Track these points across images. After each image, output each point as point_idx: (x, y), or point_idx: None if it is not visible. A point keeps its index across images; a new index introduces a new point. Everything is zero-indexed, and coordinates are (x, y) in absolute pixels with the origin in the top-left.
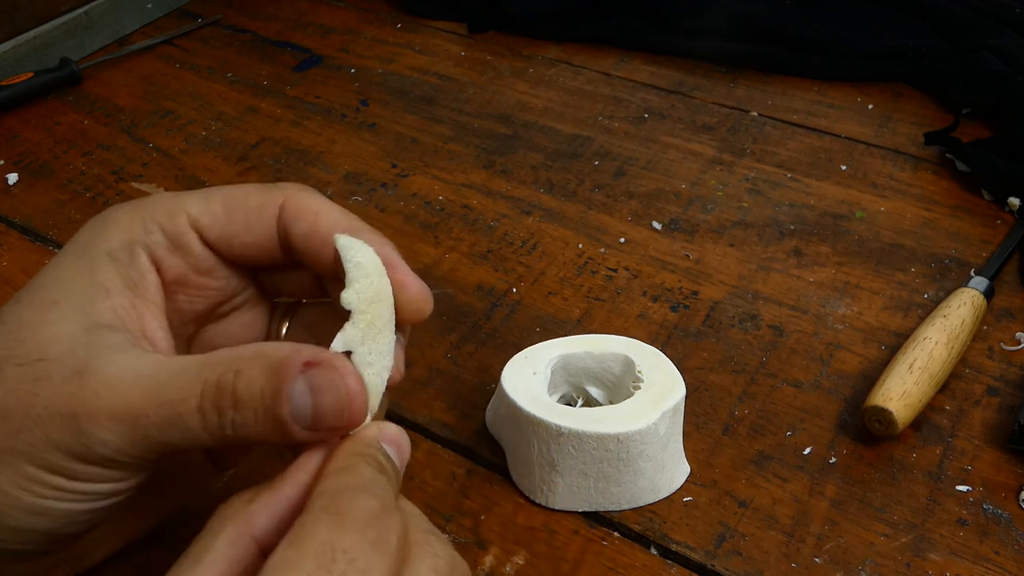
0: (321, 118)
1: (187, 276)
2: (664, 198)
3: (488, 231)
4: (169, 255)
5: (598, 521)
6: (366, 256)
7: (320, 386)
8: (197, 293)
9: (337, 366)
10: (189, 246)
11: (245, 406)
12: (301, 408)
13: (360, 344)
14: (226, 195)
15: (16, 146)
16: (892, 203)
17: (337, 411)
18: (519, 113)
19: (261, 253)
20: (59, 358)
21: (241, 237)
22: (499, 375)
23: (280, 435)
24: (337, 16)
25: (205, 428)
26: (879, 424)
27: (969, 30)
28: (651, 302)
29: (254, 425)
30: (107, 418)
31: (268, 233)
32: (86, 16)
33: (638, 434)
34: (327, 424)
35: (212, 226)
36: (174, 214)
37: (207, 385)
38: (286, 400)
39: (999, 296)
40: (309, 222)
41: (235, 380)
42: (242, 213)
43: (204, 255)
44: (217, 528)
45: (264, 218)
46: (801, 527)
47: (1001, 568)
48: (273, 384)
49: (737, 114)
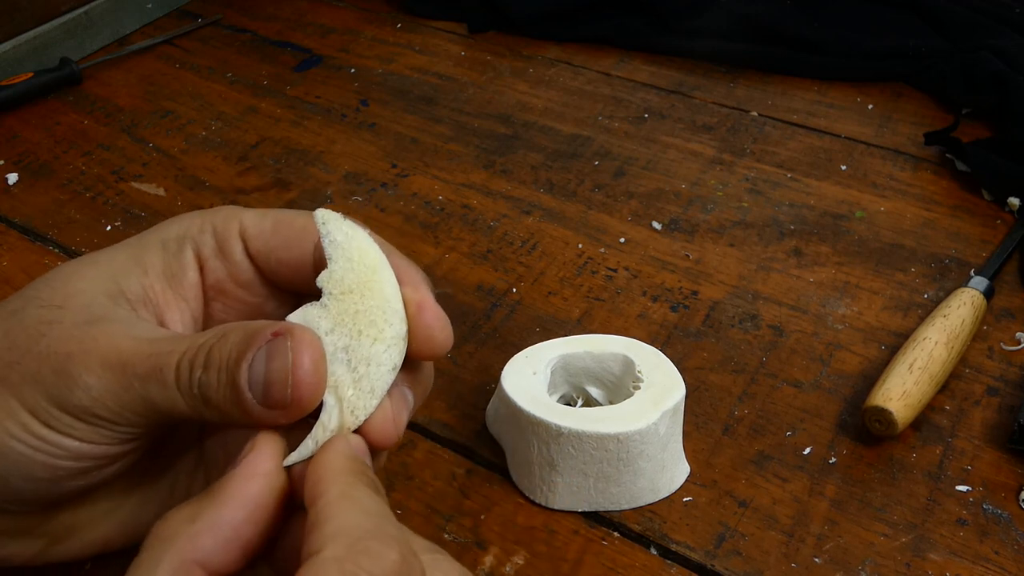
0: (321, 118)
1: (225, 284)
2: (664, 198)
3: (488, 231)
4: (213, 257)
5: (598, 521)
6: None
7: (272, 352)
8: (233, 305)
9: (296, 335)
10: (232, 252)
11: (212, 366)
12: (257, 375)
13: (327, 332)
14: (279, 215)
15: (16, 146)
16: (892, 203)
17: (281, 379)
18: (519, 113)
19: (296, 274)
20: (76, 309)
21: (279, 253)
22: (499, 375)
23: (237, 405)
24: (337, 16)
25: (178, 385)
26: (879, 424)
27: (969, 30)
28: (651, 302)
29: (215, 388)
30: (97, 363)
31: (304, 254)
32: (86, 16)
33: (638, 434)
34: (275, 395)
35: (257, 237)
36: (229, 220)
37: (192, 344)
38: (245, 365)
39: (999, 296)
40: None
41: (215, 342)
42: (286, 231)
43: (244, 265)
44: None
45: (304, 239)
46: (801, 527)
47: (1001, 568)
48: (239, 348)
49: (737, 114)
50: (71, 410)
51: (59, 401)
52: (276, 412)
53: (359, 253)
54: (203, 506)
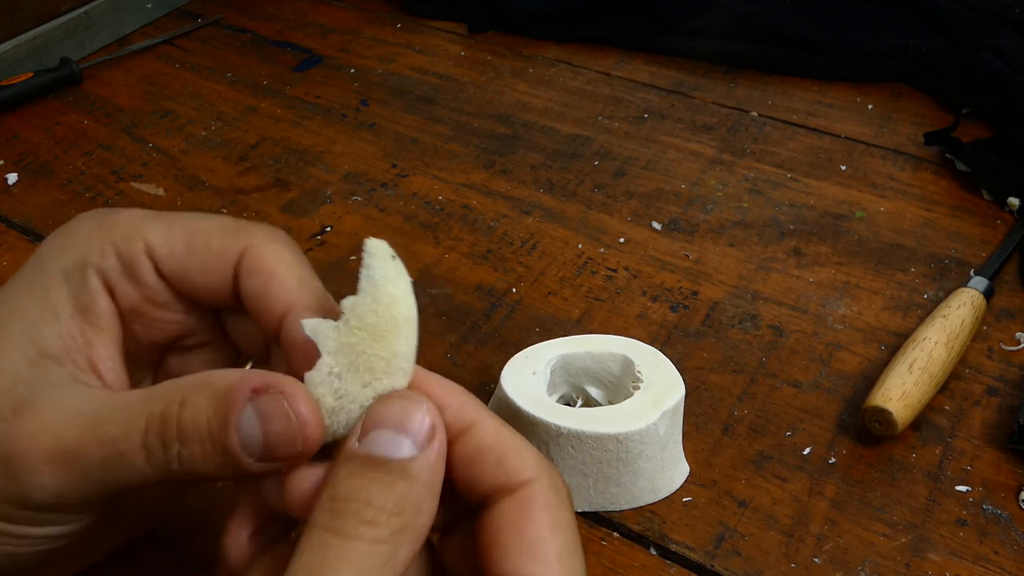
0: (321, 118)
1: (141, 307)
2: (664, 198)
3: (488, 231)
4: (122, 281)
5: (598, 521)
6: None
7: (269, 413)
8: (153, 325)
9: (287, 391)
10: (142, 276)
11: (191, 438)
12: (251, 438)
13: (329, 352)
14: (191, 229)
15: (16, 146)
16: (892, 203)
17: (289, 439)
18: (519, 113)
19: (215, 298)
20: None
21: (197, 279)
22: (499, 375)
23: (231, 468)
24: (337, 16)
25: (150, 464)
26: (879, 424)
27: (969, 30)
28: (651, 302)
29: (202, 458)
30: (44, 460)
31: (224, 279)
32: (86, 16)
33: (638, 434)
34: (280, 454)
35: (168, 259)
36: (131, 238)
37: (151, 418)
38: (234, 430)
39: (999, 296)
40: (261, 283)
41: (180, 411)
42: (201, 253)
43: (159, 288)
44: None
45: (222, 263)
46: (801, 527)
47: (1001, 568)
48: (220, 414)
49: (737, 114)
50: (32, 507)
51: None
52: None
53: (388, 300)
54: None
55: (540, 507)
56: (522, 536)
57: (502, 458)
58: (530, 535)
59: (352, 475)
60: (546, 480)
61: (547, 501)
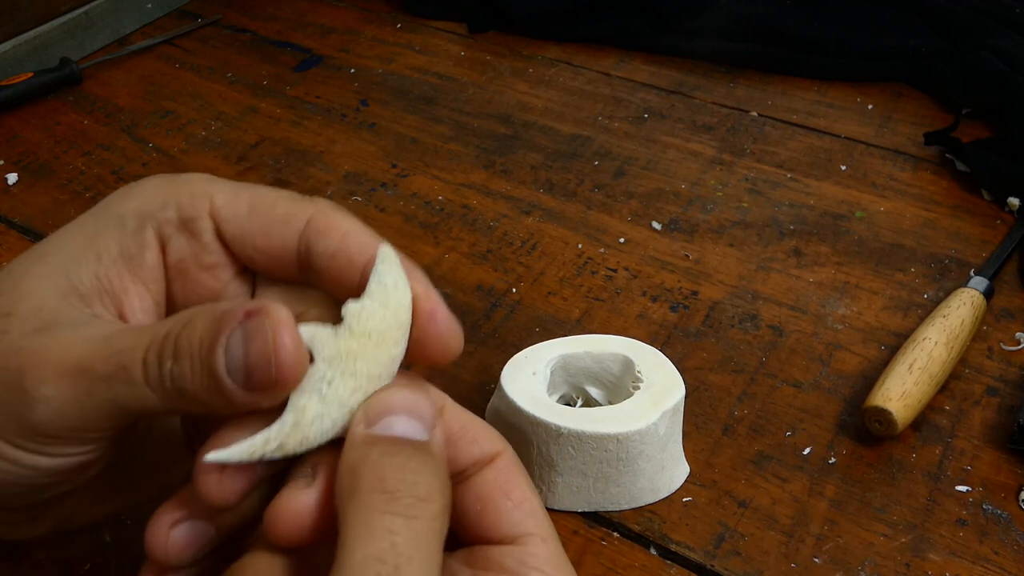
0: (321, 118)
1: (188, 264)
2: (664, 198)
3: (488, 231)
4: (177, 235)
5: (598, 521)
6: (399, 288)
7: (250, 334)
8: (193, 289)
9: (272, 315)
10: (200, 233)
11: (183, 355)
12: (235, 359)
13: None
14: (256, 195)
15: (16, 146)
16: (892, 203)
17: (265, 362)
18: (519, 113)
19: (274, 263)
20: (25, 316)
21: (258, 241)
22: (499, 375)
23: (216, 392)
24: (337, 16)
25: (147, 381)
26: (879, 424)
27: (969, 30)
28: (651, 302)
29: (191, 378)
30: (52, 373)
31: (287, 244)
32: (86, 16)
33: (637, 434)
34: (257, 379)
35: (231, 220)
36: (197, 196)
37: (156, 336)
38: (221, 350)
39: (999, 296)
40: (336, 240)
41: (181, 330)
42: (266, 217)
43: (213, 247)
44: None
45: (288, 229)
46: (800, 527)
47: (1001, 568)
48: (211, 333)
49: (737, 114)
50: (34, 427)
51: (20, 420)
52: (260, 395)
53: (396, 307)
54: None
55: (519, 473)
56: (512, 497)
57: (475, 436)
58: (517, 496)
59: (387, 454)
60: (509, 450)
61: (520, 468)
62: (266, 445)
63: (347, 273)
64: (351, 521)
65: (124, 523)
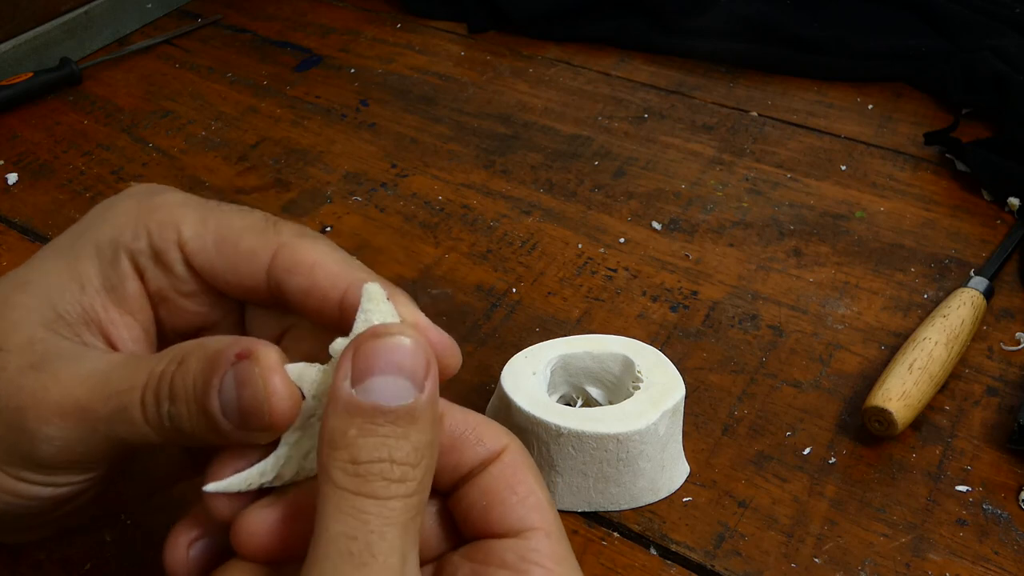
0: (321, 118)
1: (167, 293)
2: (664, 198)
3: (488, 231)
4: (151, 266)
5: (598, 521)
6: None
7: (242, 379)
8: (178, 313)
9: (262, 359)
10: (171, 264)
11: (179, 398)
12: (229, 402)
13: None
14: (222, 225)
15: (16, 146)
16: (892, 203)
17: (257, 408)
18: (519, 113)
19: (249, 295)
20: (16, 350)
21: (228, 277)
22: (499, 375)
23: (214, 431)
24: (337, 16)
25: (147, 421)
26: (879, 424)
27: (969, 30)
28: (651, 302)
29: (187, 419)
30: (54, 414)
31: (257, 280)
32: (86, 16)
33: (638, 434)
34: (252, 422)
35: (199, 253)
36: (165, 226)
37: (151, 375)
38: (215, 393)
39: (999, 296)
40: (305, 277)
41: (175, 371)
42: (232, 253)
43: (186, 278)
44: None
45: (253, 264)
46: (800, 527)
47: (1001, 568)
48: (205, 375)
49: (737, 114)
50: (38, 462)
51: (23, 456)
52: (255, 434)
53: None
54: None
55: (525, 467)
56: (517, 492)
57: (480, 435)
58: (523, 490)
59: (364, 433)
60: (516, 444)
61: (525, 461)
62: (262, 477)
63: (323, 308)
64: (325, 497)
65: (124, 523)
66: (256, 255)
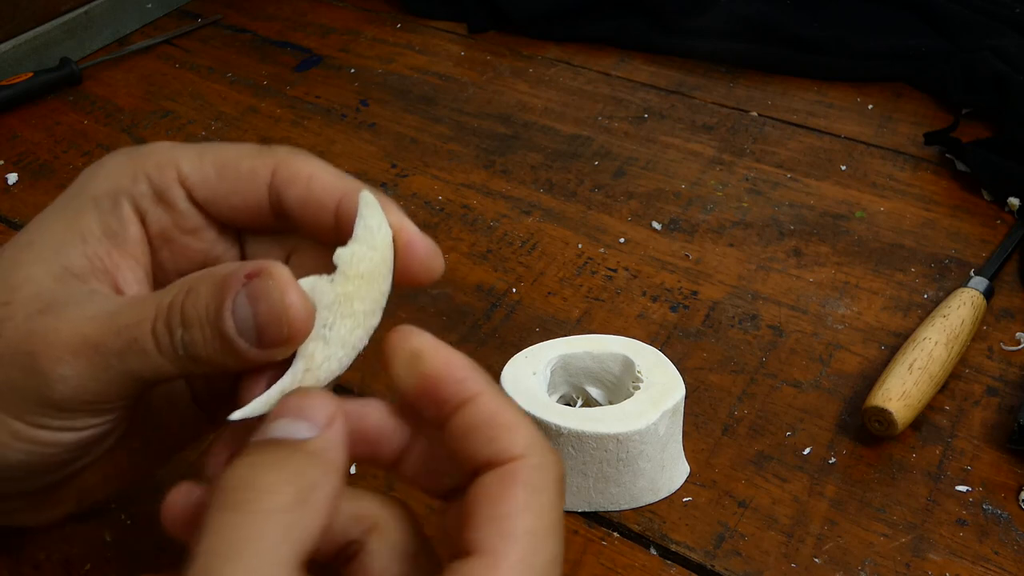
0: (321, 118)
1: (171, 232)
2: (664, 198)
3: (488, 231)
4: (154, 207)
5: (598, 521)
6: (382, 228)
7: (257, 295)
8: (180, 252)
9: (275, 275)
10: (174, 201)
11: (192, 323)
12: (244, 321)
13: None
14: (219, 155)
15: (16, 146)
16: (892, 203)
17: (276, 321)
18: (519, 113)
19: (251, 217)
20: (24, 302)
21: (231, 201)
22: (499, 375)
23: (230, 354)
24: (337, 16)
25: (160, 351)
26: (879, 424)
27: (969, 30)
28: (651, 302)
29: (203, 344)
30: (66, 352)
31: (259, 198)
32: (86, 16)
33: (638, 434)
34: (269, 337)
35: (201, 185)
36: (164, 167)
37: (160, 307)
38: (228, 314)
39: (999, 296)
40: (303, 187)
41: (184, 299)
42: (233, 177)
43: (190, 213)
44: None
45: (255, 183)
46: (800, 527)
47: (1001, 568)
48: (216, 299)
49: (737, 114)
50: (55, 405)
51: (40, 400)
52: (272, 351)
53: (382, 247)
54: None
55: (518, 483)
56: (494, 509)
57: (494, 434)
58: (502, 510)
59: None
60: (535, 460)
61: (528, 479)
62: (283, 394)
63: (320, 217)
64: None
65: (124, 523)
66: (257, 174)
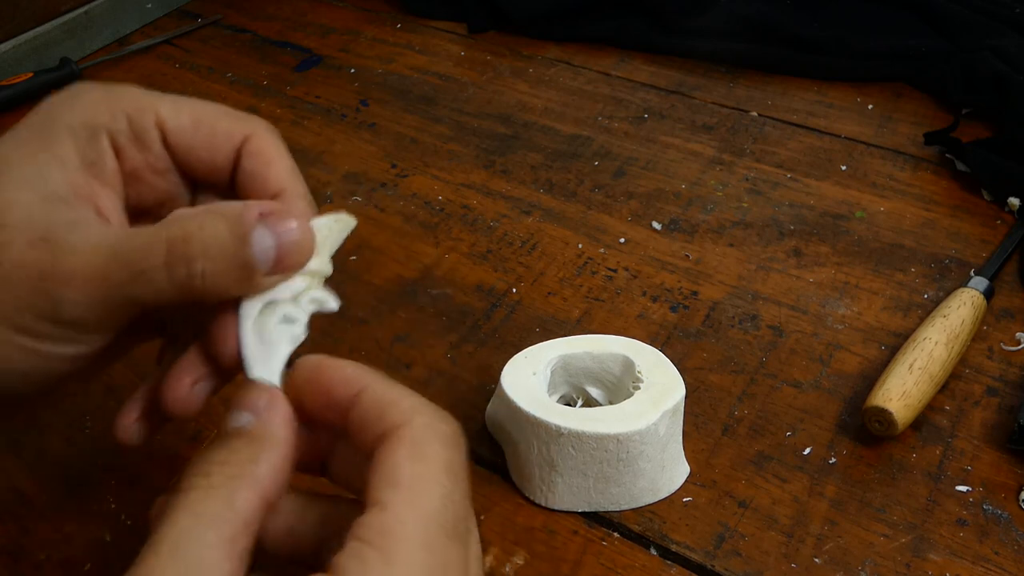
0: (321, 118)
1: (142, 172)
2: (664, 198)
3: (488, 231)
4: (130, 145)
5: (598, 521)
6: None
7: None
8: (146, 191)
9: (294, 212)
10: (150, 144)
11: (214, 256)
12: (265, 251)
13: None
14: (196, 110)
15: None
16: (892, 203)
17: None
18: (519, 113)
19: (210, 172)
20: (18, 225)
21: (201, 154)
22: (499, 375)
23: (246, 280)
24: (337, 16)
25: (172, 281)
26: (879, 424)
27: (969, 30)
28: (651, 302)
29: (224, 272)
30: (78, 279)
31: (225, 157)
32: (86, 16)
33: (638, 434)
34: (289, 263)
35: (176, 132)
36: (143, 110)
37: (171, 240)
38: (251, 244)
39: (999, 296)
40: (261, 165)
41: (200, 232)
42: (208, 132)
43: (162, 156)
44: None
45: (227, 144)
46: (801, 527)
47: (1001, 568)
48: (237, 232)
49: (737, 114)
50: (63, 322)
51: (49, 315)
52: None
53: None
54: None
55: (403, 441)
56: (381, 468)
57: (381, 412)
58: (387, 465)
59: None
60: (419, 420)
61: (411, 436)
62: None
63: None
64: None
65: (124, 523)
66: (231, 136)
